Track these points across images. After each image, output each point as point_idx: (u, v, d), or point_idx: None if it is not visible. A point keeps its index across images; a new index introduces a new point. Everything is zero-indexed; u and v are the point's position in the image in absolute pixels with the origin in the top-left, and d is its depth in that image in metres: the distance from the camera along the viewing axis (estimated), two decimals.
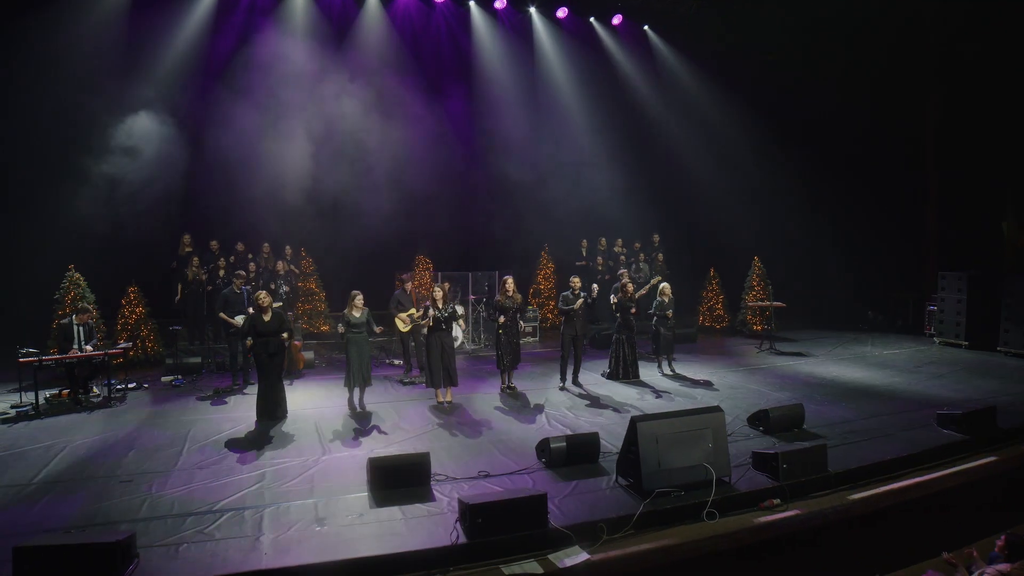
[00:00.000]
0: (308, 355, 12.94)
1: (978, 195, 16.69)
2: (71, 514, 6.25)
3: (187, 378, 11.90)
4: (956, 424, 8.53)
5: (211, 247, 14.27)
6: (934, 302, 15.96)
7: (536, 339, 16.00)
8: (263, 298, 9.27)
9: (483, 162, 18.25)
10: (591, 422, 9.12)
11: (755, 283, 16.80)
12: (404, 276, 12.26)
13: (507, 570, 5.43)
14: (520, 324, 11.16)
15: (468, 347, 14.82)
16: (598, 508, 6.32)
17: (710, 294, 17.53)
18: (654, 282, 13.21)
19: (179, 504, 6.44)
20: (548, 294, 17.48)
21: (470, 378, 11.87)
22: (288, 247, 14.84)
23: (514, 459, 7.65)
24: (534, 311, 16.33)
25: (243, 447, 8.14)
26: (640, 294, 12.64)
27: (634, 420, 6.60)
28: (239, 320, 10.78)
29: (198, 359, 12.48)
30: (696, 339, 15.98)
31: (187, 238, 14.00)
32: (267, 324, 9.26)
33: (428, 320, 9.90)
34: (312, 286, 15.60)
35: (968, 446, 8.25)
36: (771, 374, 12.33)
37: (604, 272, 16.89)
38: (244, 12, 15.94)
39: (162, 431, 8.85)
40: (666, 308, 12.12)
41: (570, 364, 11.32)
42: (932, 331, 15.90)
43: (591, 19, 19.11)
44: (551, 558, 5.58)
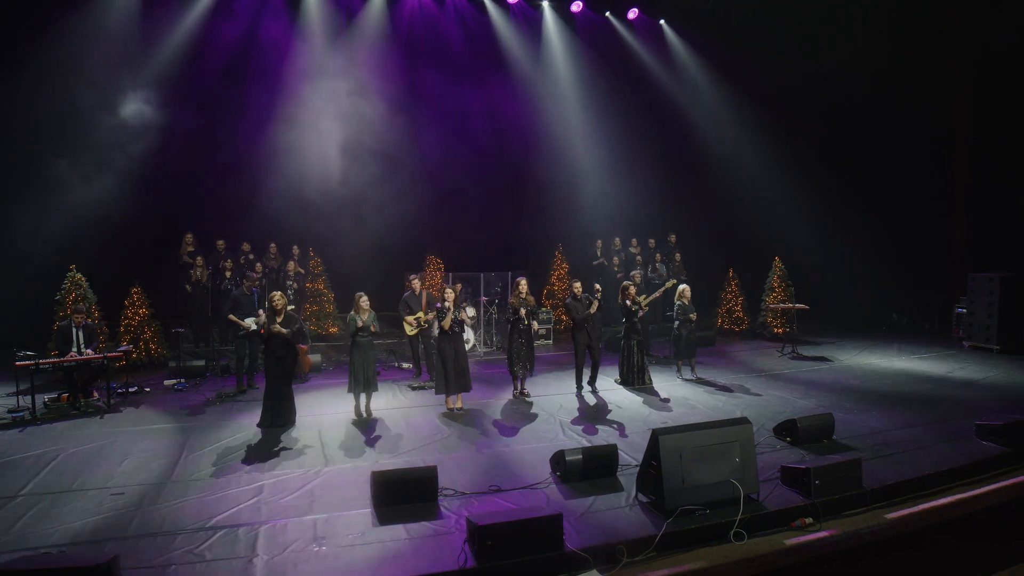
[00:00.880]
0: (315, 358, 12.53)
1: (1008, 194, 16.09)
2: (57, 530, 5.88)
3: (190, 382, 11.57)
4: (996, 436, 7.99)
5: (217, 247, 13.93)
6: (963, 304, 15.37)
7: (550, 342, 15.56)
8: (278, 299, 8.90)
9: (495, 161, 17.87)
10: (608, 431, 8.67)
11: (776, 284, 16.29)
12: (412, 277, 11.82)
13: None
14: (534, 325, 10.68)
15: (480, 350, 14.39)
16: (617, 528, 5.87)
17: (729, 295, 17.03)
18: (668, 285, 12.74)
19: (170, 520, 6.06)
20: (562, 295, 16.98)
21: (481, 383, 11.44)
22: (295, 247, 14.46)
23: (527, 472, 7.21)
24: (547, 313, 15.89)
25: (242, 457, 7.75)
26: (654, 297, 12.19)
27: (656, 433, 6.15)
28: (249, 322, 10.41)
29: (202, 362, 12.14)
30: (715, 342, 15.48)
31: (189, 237, 13.68)
32: (279, 326, 8.89)
33: (446, 321, 9.46)
34: (320, 287, 15.23)
35: (1010, 459, 7.73)
36: (794, 379, 11.82)
37: (620, 270, 16.43)
38: (253, 5, 15.61)
39: (159, 438, 8.49)
40: (691, 310, 11.64)
41: (586, 370, 10.86)
42: (961, 334, 15.32)
43: (607, 13, 18.64)
44: None
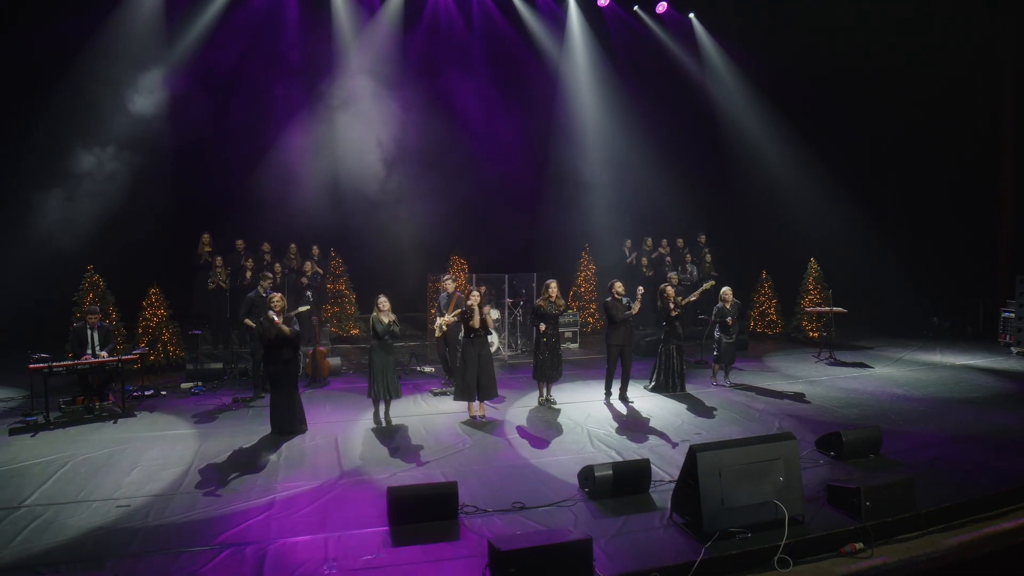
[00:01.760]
0: (335, 361, 12.24)
1: None
2: (58, 544, 5.60)
3: (207, 385, 11.29)
4: None
5: (236, 247, 13.68)
6: (1010, 308, 14.65)
7: (576, 345, 15.10)
8: (276, 301, 8.58)
9: (520, 159, 17.47)
10: (639, 443, 8.21)
11: (811, 286, 15.67)
12: (445, 277, 11.32)
13: None
14: (541, 327, 10.19)
15: (504, 354, 13.96)
16: (651, 552, 5.42)
17: (762, 298, 16.42)
18: (706, 287, 12.23)
19: (175, 536, 5.73)
20: (589, 297, 16.57)
21: (505, 389, 10.99)
22: (315, 247, 14.15)
23: (553, 487, 6.78)
24: (574, 315, 15.43)
25: (255, 467, 7.42)
26: (690, 299, 11.67)
27: (694, 450, 5.68)
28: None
29: (220, 365, 11.86)
30: (747, 346, 14.88)
31: (206, 237, 13.42)
32: (280, 328, 8.55)
33: (475, 320, 9.06)
34: (342, 288, 14.93)
35: None
36: (833, 387, 11.25)
37: (649, 271, 15.93)
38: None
39: (172, 445, 8.20)
40: (727, 314, 11.12)
41: (616, 377, 10.40)
42: (1008, 339, 14.58)
43: (635, 8, 18.12)
44: None
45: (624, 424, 9.10)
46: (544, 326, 9.99)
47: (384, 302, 9.04)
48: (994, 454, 7.68)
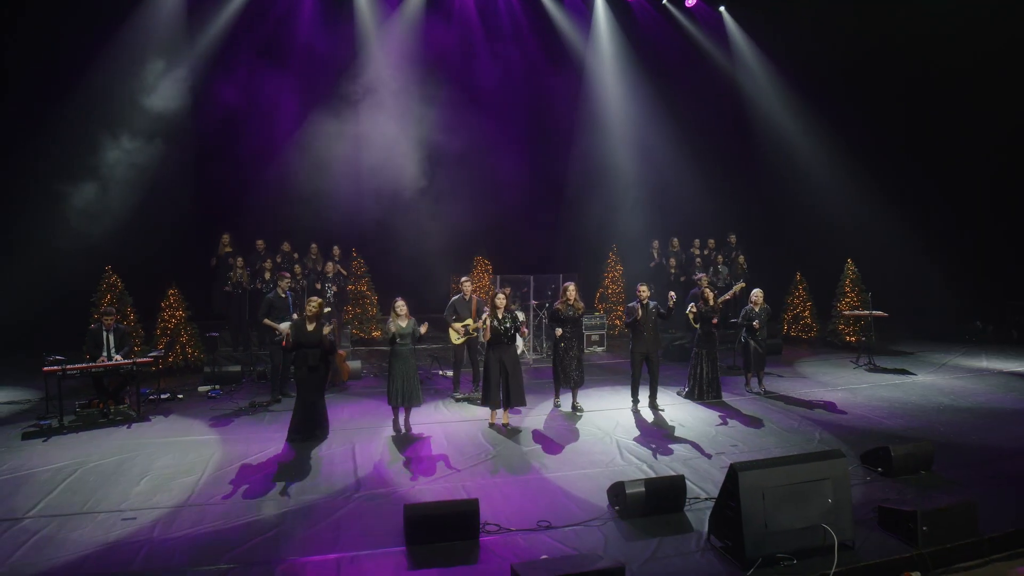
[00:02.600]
0: (354, 364, 11.93)
1: None
2: (58, 561, 5.31)
3: (225, 388, 11.05)
4: None
5: (256, 247, 13.43)
6: None
7: (603, 348, 14.65)
8: (313, 306, 8.27)
9: (545, 158, 17.08)
10: (671, 456, 7.75)
11: (848, 289, 15.05)
12: (463, 279, 11.00)
13: None
14: (558, 332, 9.79)
15: (529, 357, 13.54)
16: None
17: (796, 301, 15.83)
18: (738, 288, 11.72)
19: (180, 553, 5.42)
20: (616, 299, 16.11)
21: (530, 394, 10.56)
22: (336, 247, 13.85)
23: (581, 503, 6.37)
24: (601, 317, 14.98)
25: (268, 477, 7.09)
26: (723, 300, 11.19)
27: (735, 469, 5.23)
28: (284, 326, 9.81)
29: (238, 368, 11.61)
30: (781, 351, 14.32)
31: (226, 237, 13.19)
32: (310, 334, 8.25)
33: (486, 332, 8.68)
34: (363, 288, 14.62)
35: None
36: (875, 395, 10.68)
37: (679, 275, 15.43)
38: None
39: (185, 452, 7.91)
40: (754, 318, 10.62)
41: (643, 384, 9.95)
42: None
43: (664, 1, 17.62)
44: None
45: (654, 434, 8.65)
46: (560, 330, 9.65)
47: (401, 306, 8.68)
48: None
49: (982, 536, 5.64)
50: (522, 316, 13.14)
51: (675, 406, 9.98)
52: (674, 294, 9.92)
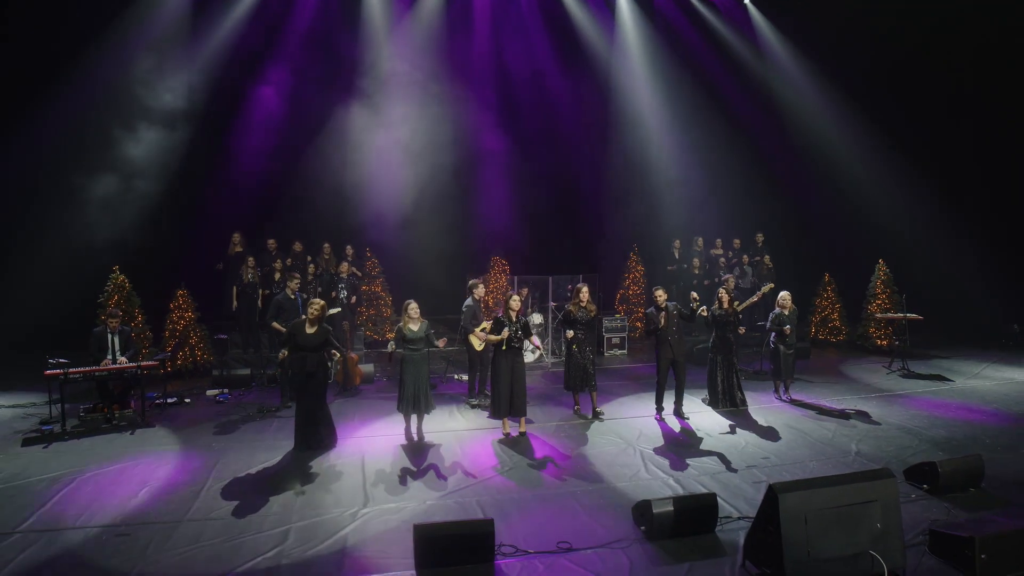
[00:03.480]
0: (367, 368, 11.55)
1: None
2: None
3: (234, 392, 10.71)
4: None
5: (268, 247, 13.10)
6: None
7: (624, 351, 14.17)
8: (315, 309, 7.90)
9: (565, 155, 16.63)
10: (699, 470, 7.27)
11: (879, 290, 14.46)
12: (476, 282, 10.49)
13: None
14: (568, 334, 9.33)
15: (547, 360, 13.09)
16: None
17: (825, 302, 15.25)
18: (765, 290, 11.21)
19: (174, 574, 5.04)
20: (637, 300, 15.63)
21: (548, 402, 10.18)
22: (349, 247, 13.48)
23: (604, 521, 5.92)
24: (622, 320, 14.51)
25: (271, 489, 6.71)
26: (748, 303, 10.69)
27: (775, 491, 4.78)
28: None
29: (247, 371, 11.27)
30: (809, 355, 13.77)
31: (237, 236, 12.87)
32: (310, 337, 7.88)
33: (501, 336, 8.24)
34: (378, 289, 14.26)
35: None
36: (912, 403, 10.13)
37: (702, 277, 14.92)
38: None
39: (187, 461, 7.58)
40: (785, 322, 10.11)
41: (668, 391, 9.47)
42: None
43: None
44: None
45: (680, 445, 8.18)
46: (572, 332, 9.24)
47: (414, 308, 8.25)
48: None
49: None
50: (539, 319, 12.74)
51: (701, 414, 9.50)
52: (696, 294, 9.45)
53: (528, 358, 8.75)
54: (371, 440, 8.34)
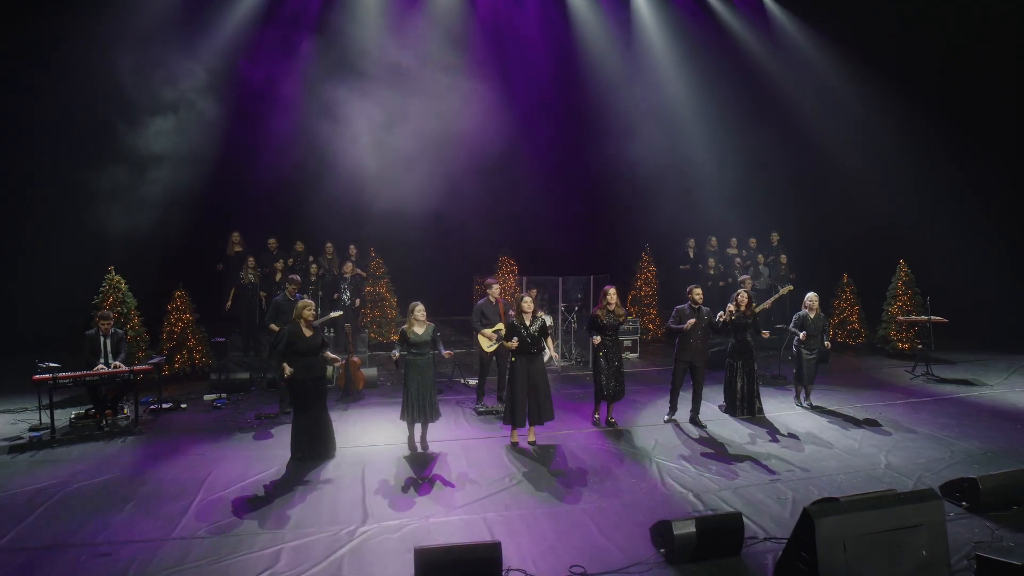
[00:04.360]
0: (370, 372, 11.15)
1: None
2: None
3: (232, 397, 10.33)
4: None
5: (269, 246, 12.73)
6: None
7: (636, 355, 13.72)
8: (309, 312, 7.51)
9: (575, 152, 16.21)
10: (719, 484, 6.82)
11: (900, 291, 13.95)
12: (490, 281, 10.00)
13: None
14: (595, 340, 8.81)
15: (557, 364, 12.65)
16: None
17: (843, 304, 14.74)
18: (785, 291, 10.74)
19: None
20: (649, 301, 15.18)
21: (557, 407, 9.68)
22: (352, 247, 13.08)
23: (620, 541, 5.49)
24: (634, 322, 14.06)
25: (265, 504, 6.32)
26: (764, 306, 10.23)
27: (811, 515, 4.34)
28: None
29: (246, 375, 10.89)
30: (828, 358, 13.24)
31: (236, 236, 12.51)
32: (310, 340, 7.50)
33: (513, 340, 7.81)
34: (382, 290, 13.86)
35: None
36: (940, 411, 9.65)
37: (717, 278, 14.47)
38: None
39: (178, 472, 7.19)
40: (811, 325, 9.66)
41: (683, 396, 9.03)
42: None
43: None
44: None
45: (698, 455, 7.73)
46: (599, 338, 8.68)
47: (421, 311, 7.82)
48: None
49: None
50: (550, 320, 12.30)
51: (718, 421, 9.06)
52: (726, 313, 8.98)
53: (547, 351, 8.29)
54: (372, 449, 7.93)
